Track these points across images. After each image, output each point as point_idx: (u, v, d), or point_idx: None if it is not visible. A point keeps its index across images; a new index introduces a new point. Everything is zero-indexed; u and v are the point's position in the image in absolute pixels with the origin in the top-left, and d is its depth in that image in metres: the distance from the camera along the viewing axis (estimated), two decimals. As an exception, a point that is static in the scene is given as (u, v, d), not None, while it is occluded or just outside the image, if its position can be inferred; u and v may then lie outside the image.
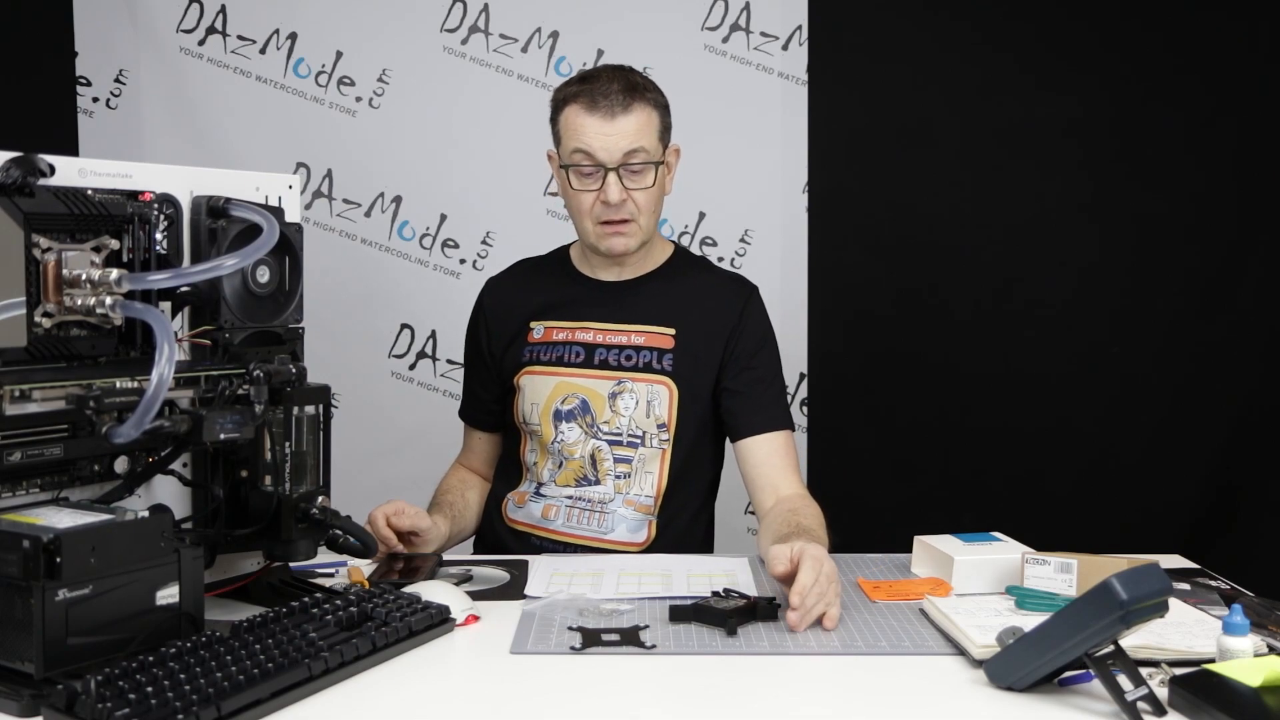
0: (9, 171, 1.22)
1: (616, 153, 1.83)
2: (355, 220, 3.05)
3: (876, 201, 3.01)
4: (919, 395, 3.01)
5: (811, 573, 1.44)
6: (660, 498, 1.92)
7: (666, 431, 1.92)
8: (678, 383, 1.92)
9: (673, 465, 1.92)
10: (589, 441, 1.92)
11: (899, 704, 1.23)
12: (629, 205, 1.86)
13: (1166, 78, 2.92)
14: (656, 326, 1.94)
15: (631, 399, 1.91)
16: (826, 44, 2.98)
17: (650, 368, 1.92)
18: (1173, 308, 2.96)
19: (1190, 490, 2.95)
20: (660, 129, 1.89)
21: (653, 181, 1.87)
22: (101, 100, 3.04)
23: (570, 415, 1.93)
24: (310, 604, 1.37)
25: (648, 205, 1.88)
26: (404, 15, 3.01)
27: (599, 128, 1.83)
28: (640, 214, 1.88)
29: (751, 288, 2.02)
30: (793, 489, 1.88)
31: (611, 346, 1.94)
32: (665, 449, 1.92)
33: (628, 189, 1.85)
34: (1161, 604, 1.17)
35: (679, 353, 1.93)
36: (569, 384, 1.94)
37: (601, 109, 1.83)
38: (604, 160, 1.84)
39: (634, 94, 1.85)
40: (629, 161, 1.84)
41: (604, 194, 1.85)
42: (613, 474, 1.92)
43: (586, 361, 1.94)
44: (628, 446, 1.92)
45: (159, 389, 1.20)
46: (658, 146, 1.88)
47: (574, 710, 1.21)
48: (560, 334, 1.97)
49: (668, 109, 1.92)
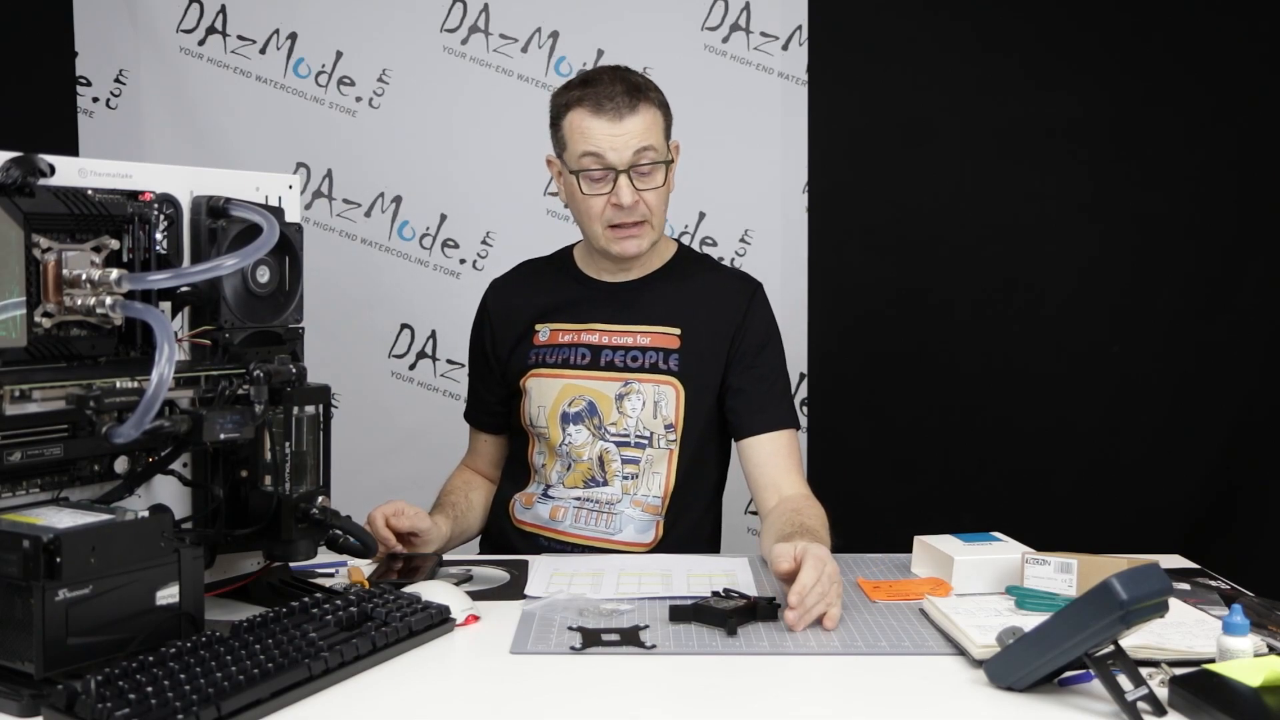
0: (9, 171, 1.22)
1: (627, 153, 1.83)
2: (355, 220, 3.05)
3: (876, 201, 3.01)
4: (919, 395, 3.01)
5: (813, 573, 1.44)
6: (668, 498, 1.92)
7: (674, 432, 1.91)
8: (684, 383, 1.91)
9: (680, 465, 1.92)
10: (597, 443, 1.92)
11: (899, 704, 1.23)
12: (641, 207, 1.86)
13: (1166, 78, 2.92)
14: (662, 327, 1.94)
15: (639, 400, 1.91)
16: (826, 44, 2.98)
17: (657, 368, 1.92)
18: (1173, 308, 2.96)
19: (1190, 490, 2.95)
20: (665, 127, 1.90)
21: (663, 181, 1.87)
22: (101, 100, 3.04)
23: (578, 417, 1.93)
24: (310, 604, 1.37)
25: (658, 205, 1.88)
26: (404, 15, 3.02)
27: (607, 130, 1.82)
28: (652, 215, 1.88)
29: (755, 285, 2.01)
30: (795, 489, 1.87)
31: (617, 348, 1.94)
32: (673, 449, 1.92)
33: (639, 190, 1.84)
34: (1161, 604, 1.17)
35: (685, 353, 1.92)
36: (576, 386, 1.93)
37: (608, 111, 1.82)
38: (614, 162, 1.83)
39: (638, 94, 1.84)
40: (639, 162, 1.84)
41: (616, 197, 1.84)
42: (620, 475, 1.91)
43: (593, 363, 1.94)
44: (635, 447, 1.91)
45: (159, 389, 1.20)
46: (665, 145, 1.88)
47: (574, 710, 1.21)
48: (566, 336, 1.97)
49: (669, 107, 1.92)
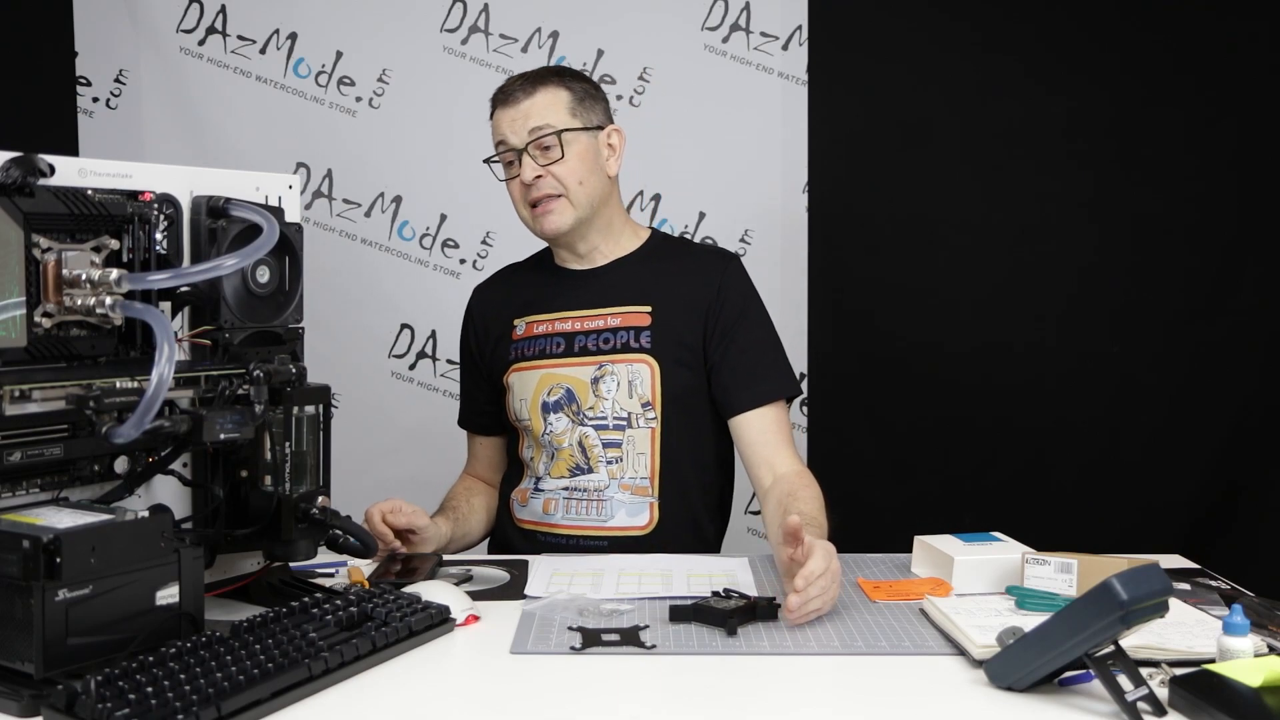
0: (9, 171, 1.22)
1: (523, 132, 1.89)
2: (355, 220, 3.05)
3: (876, 201, 3.00)
4: (919, 395, 3.01)
5: (822, 562, 1.44)
6: (656, 477, 1.91)
7: (652, 409, 1.91)
8: (658, 358, 1.91)
9: (664, 443, 1.91)
10: (576, 430, 1.92)
11: (899, 704, 1.23)
12: (549, 180, 1.89)
13: (1166, 78, 2.92)
14: (632, 306, 1.94)
15: (613, 381, 1.91)
16: (826, 44, 2.97)
17: (628, 347, 1.92)
18: (1173, 308, 2.96)
19: (1190, 490, 2.95)
20: (570, 105, 1.91)
21: (562, 154, 1.89)
22: (101, 100, 3.04)
23: (557, 406, 1.93)
24: (310, 604, 1.37)
25: (570, 179, 1.90)
26: (404, 15, 3.01)
27: (508, 115, 1.91)
28: (567, 189, 1.90)
29: (730, 257, 2.02)
30: (789, 465, 1.87)
31: (590, 332, 1.94)
32: (654, 427, 1.91)
33: (542, 166, 1.89)
34: (1161, 604, 1.17)
35: (656, 328, 1.92)
36: (553, 375, 1.94)
37: (510, 99, 1.91)
38: (515, 143, 1.90)
39: (539, 79, 1.92)
40: (535, 138, 1.88)
41: (521, 174, 1.90)
42: (604, 460, 1.91)
43: (567, 351, 1.94)
44: (614, 430, 1.91)
45: (159, 389, 1.20)
46: (568, 120, 1.90)
47: (574, 710, 1.21)
48: (541, 327, 1.98)
49: (590, 92, 1.95)
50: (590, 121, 1.93)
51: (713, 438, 1.98)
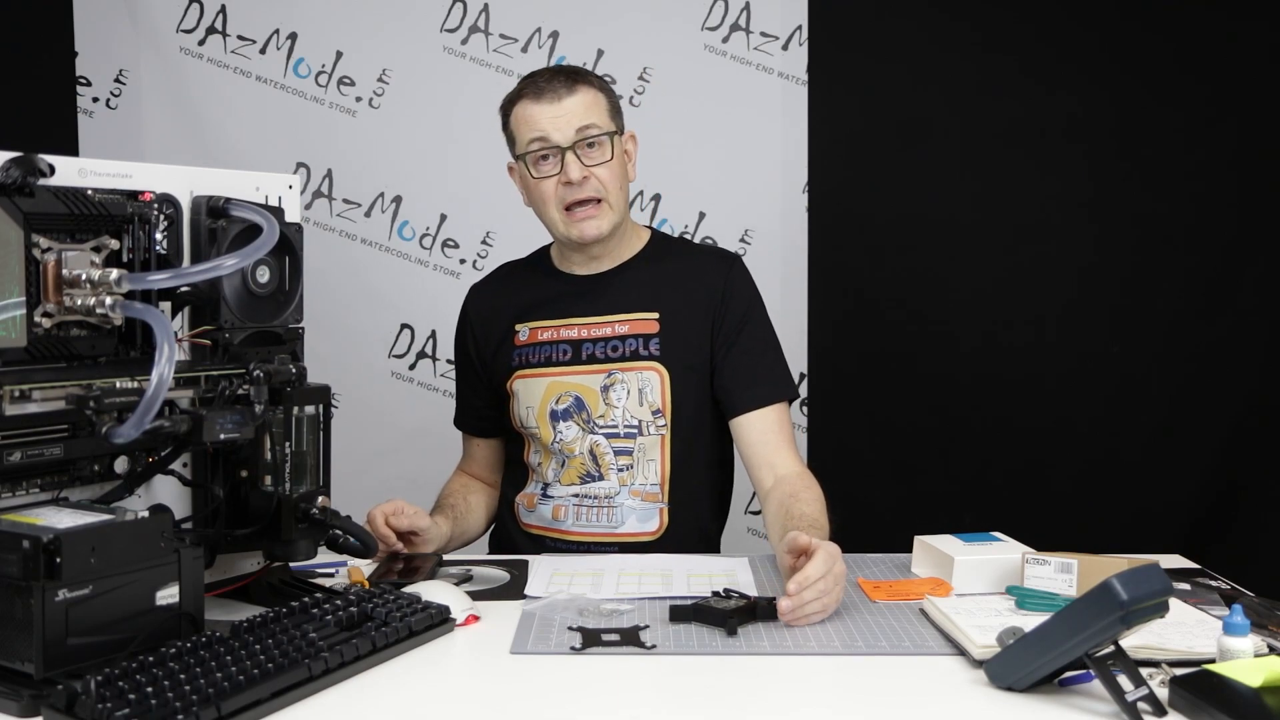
0: (9, 171, 1.22)
1: (570, 130, 1.85)
2: (355, 220, 3.05)
3: (876, 201, 3.00)
4: (919, 395, 3.01)
5: (821, 566, 1.44)
6: (666, 483, 1.91)
7: (663, 417, 1.91)
8: (668, 366, 1.91)
9: (674, 449, 1.91)
10: (587, 438, 1.92)
11: (899, 704, 1.23)
12: (593, 183, 1.86)
13: (1166, 78, 2.92)
14: (640, 313, 1.94)
15: (623, 389, 1.91)
16: (826, 44, 2.98)
17: (638, 355, 1.91)
18: (1173, 308, 2.96)
19: (1190, 490, 2.95)
20: (609, 109, 1.91)
21: (611, 155, 1.87)
22: (101, 100, 3.04)
23: (566, 414, 1.93)
24: (310, 604, 1.37)
25: (612, 182, 1.88)
26: (404, 15, 3.02)
27: (549, 112, 1.86)
28: (608, 193, 1.88)
29: (732, 258, 2.01)
30: (789, 467, 1.87)
31: (597, 340, 1.93)
32: (664, 434, 1.91)
33: (588, 166, 1.86)
34: (1161, 604, 1.17)
35: (665, 336, 1.92)
36: (561, 383, 1.93)
37: (548, 95, 1.87)
38: (559, 141, 1.85)
39: (577, 77, 1.89)
40: (583, 137, 1.85)
41: (565, 174, 1.86)
42: (615, 467, 1.91)
43: (575, 358, 1.93)
44: (625, 438, 1.91)
45: (159, 389, 1.20)
46: (610, 123, 1.89)
47: (574, 710, 1.21)
48: (546, 333, 1.97)
49: (614, 95, 1.94)
50: (621, 126, 1.93)
51: (716, 439, 1.98)
